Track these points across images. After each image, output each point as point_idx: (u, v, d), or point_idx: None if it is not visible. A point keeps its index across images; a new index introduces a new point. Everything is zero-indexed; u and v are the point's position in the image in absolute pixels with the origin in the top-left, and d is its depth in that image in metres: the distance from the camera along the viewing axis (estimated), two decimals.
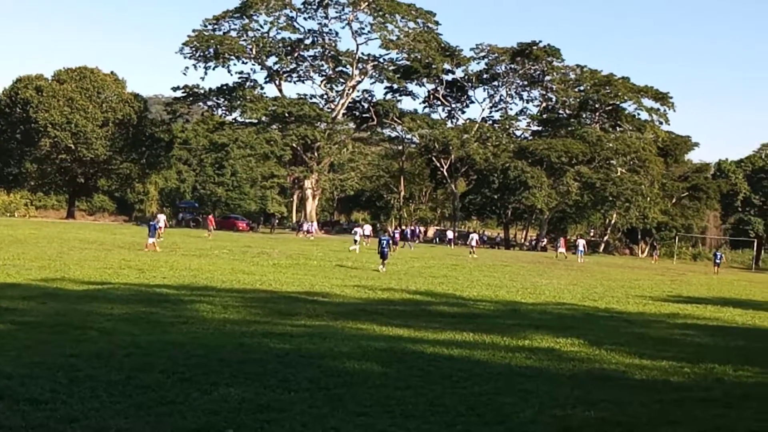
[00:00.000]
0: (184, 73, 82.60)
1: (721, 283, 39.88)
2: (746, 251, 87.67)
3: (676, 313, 20.83)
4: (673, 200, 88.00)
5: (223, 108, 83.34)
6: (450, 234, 73.87)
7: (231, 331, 12.42)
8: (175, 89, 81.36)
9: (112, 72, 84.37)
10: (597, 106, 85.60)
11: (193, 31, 78.52)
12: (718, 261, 57.33)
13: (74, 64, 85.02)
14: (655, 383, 10.14)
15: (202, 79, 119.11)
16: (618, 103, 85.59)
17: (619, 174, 79.43)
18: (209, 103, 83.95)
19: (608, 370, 10.94)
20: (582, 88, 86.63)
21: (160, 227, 49.59)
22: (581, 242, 60.79)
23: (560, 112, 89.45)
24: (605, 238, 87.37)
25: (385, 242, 32.00)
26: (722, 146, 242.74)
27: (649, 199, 79.27)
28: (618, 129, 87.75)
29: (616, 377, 10.39)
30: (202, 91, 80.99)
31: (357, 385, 8.73)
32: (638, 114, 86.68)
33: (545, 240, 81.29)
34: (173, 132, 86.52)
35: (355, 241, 46.43)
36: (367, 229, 60.06)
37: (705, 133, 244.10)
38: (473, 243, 52.68)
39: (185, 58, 78.45)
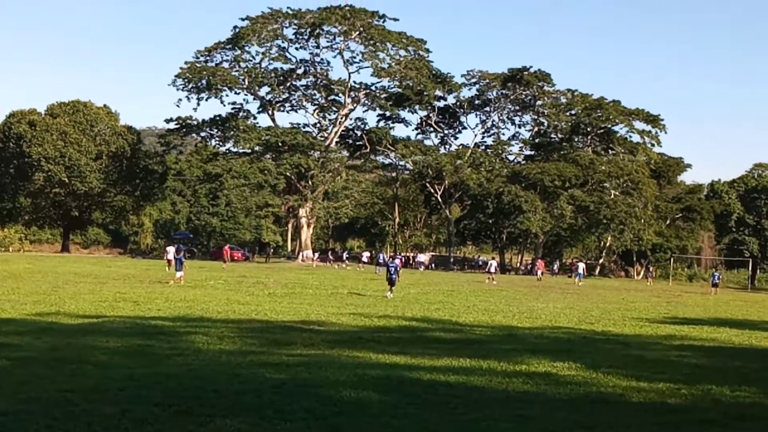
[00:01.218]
0: (177, 105, 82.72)
1: (717, 304, 39.86)
2: (741, 271, 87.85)
3: (672, 334, 20.79)
4: (667, 222, 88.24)
5: (217, 138, 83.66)
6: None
7: (226, 362, 12.36)
8: (168, 121, 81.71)
9: (105, 105, 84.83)
10: (589, 129, 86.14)
11: (186, 63, 79.06)
12: (716, 281, 57.26)
13: (67, 98, 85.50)
14: (653, 405, 10.11)
15: (195, 110, 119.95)
16: (609, 126, 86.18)
17: (612, 197, 79.75)
18: (202, 134, 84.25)
19: (606, 393, 10.90)
20: (573, 112, 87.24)
21: (169, 259, 49.81)
22: (581, 265, 61.19)
23: (552, 136, 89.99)
24: (600, 260, 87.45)
25: (393, 269, 32.13)
26: (715, 167, 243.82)
27: (643, 221, 79.55)
28: (610, 152, 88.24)
29: (613, 400, 10.36)
30: (195, 123, 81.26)
31: (354, 414, 8.69)
32: (630, 136, 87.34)
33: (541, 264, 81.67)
34: (167, 163, 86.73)
35: (379, 264, 47.15)
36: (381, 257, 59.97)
37: (697, 154, 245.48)
38: (492, 269, 53.05)
39: (178, 90, 78.94)
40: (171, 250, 51.77)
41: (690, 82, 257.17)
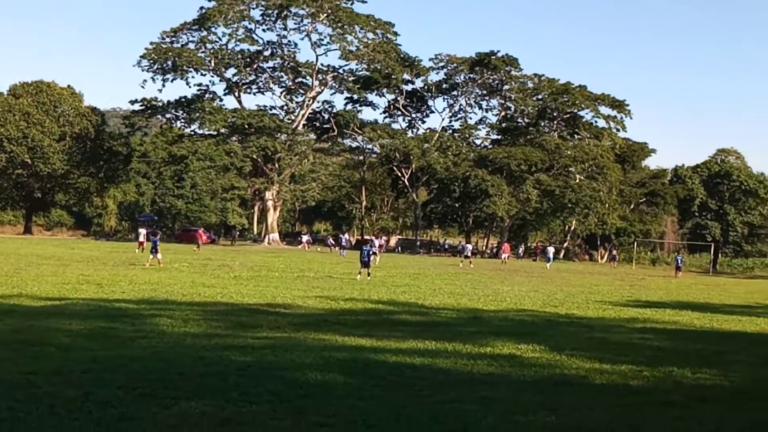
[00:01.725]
0: (142, 86, 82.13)
1: (680, 287, 40.41)
2: (704, 255, 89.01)
3: (635, 317, 21.05)
4: (631, 206, 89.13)
5: (182, 120, 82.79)
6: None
7: (191, 344, 12.30)
8: (133, 102, 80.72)
9: (68, 86, 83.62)
10: (555, 114, 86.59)
11: (151, 43, 78.00)
12: (679, 265, 58.77)
13: (30, 78, 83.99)
14: (616, 387, 10.23)
15: (160, 91, 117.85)
16: (575, 111, 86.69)
17: (577, 181, 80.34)
18: (168, 115, 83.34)
19: (569, 375, 11.01)
20: (540, 96, 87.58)
21: (140, 241, 49.68)
22: (551, 249, 62.57)
23: (519, 120, 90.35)
24: (565, 244, 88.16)
25: (366, 251, 32.64)
26: (678, 152, 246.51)
27: (607, 205, 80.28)
28: (576, 137, 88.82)
29: (576, 382, 10.47)
30: (160, 104, 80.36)
31: (319, 397, 8.70)
32: (596, 122, 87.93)
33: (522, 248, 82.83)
34: (131, 145, 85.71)
35: (374, 253, 47.22)
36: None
37: (661, 139, 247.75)
38: (468, 253, 54.96)
39: (143, 71, 77.94)
40: (143, 232, 51.89)
41: (655, 68, 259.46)
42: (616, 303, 26.01)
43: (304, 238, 78.90)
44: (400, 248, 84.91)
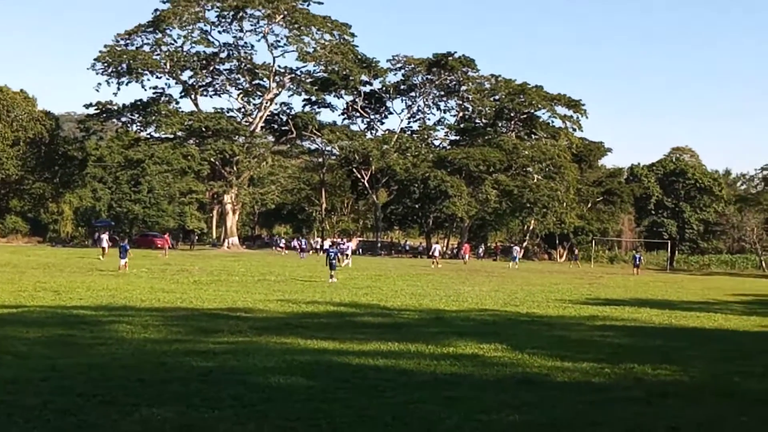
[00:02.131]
0: (97, 90, 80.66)
1: (638, 285, 40.91)
2: (660, 253, 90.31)
3: (595, 315, 21.27)
4: (589, 205, 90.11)
5: (138, 124, 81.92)
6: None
7: (151, 350, 12.16)
8: (87, 106, 79.67)
9: (21, 90, 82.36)
10: (512, 114, 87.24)
11: (105, 46, 77.06)
12: (637, 263, 60.07)
13: None
14: (577, 384, 10.32)
15: (115, 94, 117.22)
16: (532, 111, 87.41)
17: (535, 181, 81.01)
18: (123, 119, 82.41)
19: (531, 373, 11.08)
20: (497, 97, 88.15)
21: (103, 246, 49.25)
22: (516, 249, 63.70)
23: (477, 121, 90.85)
24: (524, 244, 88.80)
25: (332, 254, 33.44)
26: (634, 151, 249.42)
27: (565, 204, 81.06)
28: (533, 137, 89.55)
29: (539, 380, 10.53)
30: (115, 108, 79.41)
31: (282, 400, 8.64)
32: (552, 121, 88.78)
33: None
34: (87, 150, 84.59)
35: (347, 255, 48.57)
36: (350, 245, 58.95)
37: (617, 138, 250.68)
38: (436, 253, 55.94)
39: (97, 74, 76.99)
40: (105, 238, 51.50)
41: (610, 67, 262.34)
42: (576, 301, 26.25)
43: (233, 240, 79.00)
44: (360, 250, 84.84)
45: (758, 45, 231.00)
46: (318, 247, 78.34)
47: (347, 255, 49.06)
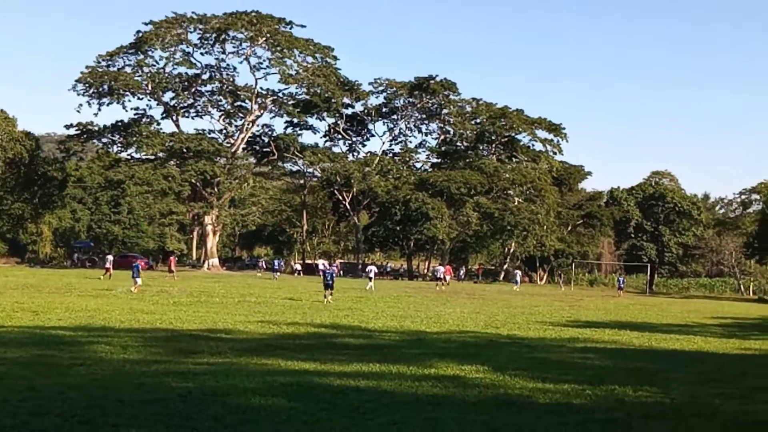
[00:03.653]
0: (78, 111, 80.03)
1: (618, 307, 41.08)
2: (640, 276, 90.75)
3: (575, 337, 21.31)
4: (569, 228, 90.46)
5: (119, 145, 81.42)
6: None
7: (131, 371, 12.05)
8: (68, 127, 79.14)
9: (1, 110, 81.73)
10: (493, 137, 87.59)
11: (87, 67, 76.79)
12: (621, 285, 61.65)
13: None
14: (559, 406, 10.32)
15: (96, 115, 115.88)
16: (513, 134, 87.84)
17: (516, 204, 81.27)
18: (104, 140, 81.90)
19: (512, 395, 11.07)
20: (478, 120, 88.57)
21: (107, 267, 49.14)
22: (518, 273, 65.00)
23: (458, 144, 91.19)
24: (505, 266, 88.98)
25: (329, 275, 33.78)
26: (614, 174, 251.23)
27: (545, 227, 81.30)
28: (514, 160, 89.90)
29: (520, 402, 10.52)
30: (96, 128, 78.95)
31: (263, 421, 8.58)
32: (533, 145, 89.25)
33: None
34: (67, 170, 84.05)
35: (370, 278, 48.87)
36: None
37: (597, 162, 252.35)
38: (439, 275, 56.55)
39: (78, 95, 76.53)
40: (110, 258, 51.72)
41: (590, 91, 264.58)
42: (557, 323, 26.31)
43: (213, 261, 79.15)
44: (342, 272, 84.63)
45: (738, 70, 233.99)
46: (298, 268, 78.45)
47: (371, 278, 48.90)
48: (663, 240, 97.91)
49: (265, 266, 75.35)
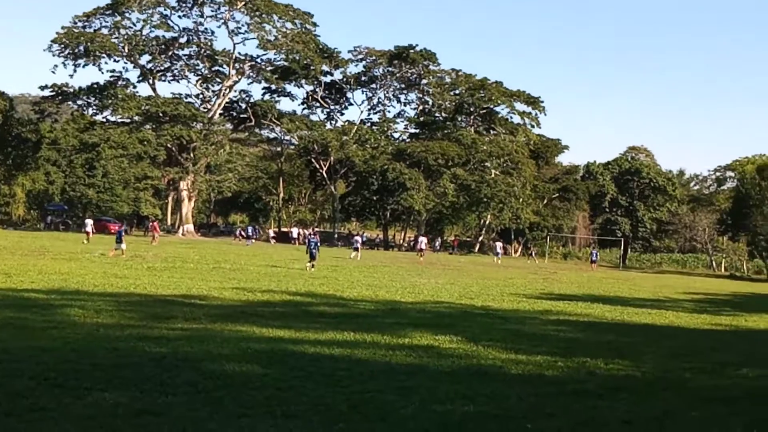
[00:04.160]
0: (53, 72, 79.53)
1: (591, 281, 41.41)
2: (614, 250, 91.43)
3: (549, 309, 21.47)
4: (545, 201, 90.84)
5: (94, 107, 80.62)
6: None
7: (104, 335, 11.99)
8: (42, 88, 78.37)
9: None
10: (472, 109, 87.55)
11: (62, 27, 75.79)
12: (594, 259, 62.33)
13: None
14: (531, 377, 10.42)
15: (71, 77, 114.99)
16: (492, 106, 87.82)
17: (493, 176, 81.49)
18: (79, 102, 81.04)
19: (485, 365, 11.16)
20: (457, 91, 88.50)
21: (87, 231, 48.84)
22: (499, 244, 65.11)
23: (437, 115, 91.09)
24: (480, 238, 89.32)
25: (313, 243, 34.58)
26: (591, 149, 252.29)
27: (521, 200, 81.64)
28: (492, 132, 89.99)
29: (493, 372, 10.61)
30: (71, 90, 78.09)
31: (237, 387, 8.59)
32: (511, 117, 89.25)
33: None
34: (41, 132, 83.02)
35: (356, 249, 49.61)
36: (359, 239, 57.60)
37: (574, 136, 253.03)
38: (422, 246, 56.58)
39: (54, 56, 75.73)
40: (89, 222, 51.47)
41: (570, 65, 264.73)
42: (530, 296, 26.49)
43: (188, 227, 79.12)
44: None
45: (714, 46, 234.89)
46: (272, 235, 78.54)
47: (356, 248, 49.46)
48: (637, 215, 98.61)
49: (243, 234, 75.06)
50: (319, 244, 37.10)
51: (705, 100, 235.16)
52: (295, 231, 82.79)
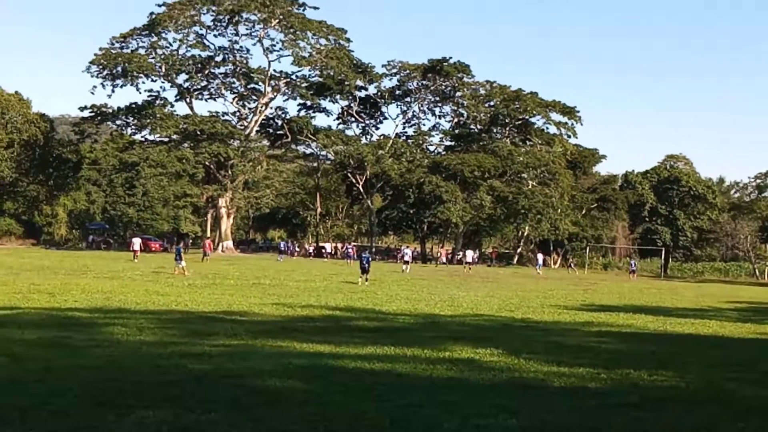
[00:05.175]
0: (92, 93, 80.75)
1: (632, 291, 40.95)
2: (654, 260, 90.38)
3: (590, 321, 21.25)
4: (583, 211, 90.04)
5: (133, 127, 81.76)
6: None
7: (147, 353, 12.10)
8: (82, 109, 79.63)
9: (16, 92, 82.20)
10: (507, 120, 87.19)
11: (101, 49, 76.99)
12: (633, 268, 61.53)
13: None
14: (574, 390, 10.29)
15: (110, 97, 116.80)
16: (527, 117, 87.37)
17: (530, 187, 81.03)
18: (118, 122, 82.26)
19: (527, 378, 11.06)
20: (492, 103, 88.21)
21: (135, 250, 49.54)
22: (540, 256, 64.96)
23: (472, 127, 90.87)
24: (519, 250, 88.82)
25: (365, 258, 35.83)
26: (629, 158, 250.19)
27: (559, 210, 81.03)
28: (528, 143, 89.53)
29: (535, 385, 10.51)
30: (110, 110, 79.30)
31: (279, 403, 8.60)
32: (547, 128, 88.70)
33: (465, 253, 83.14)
34: (81, 152, 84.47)
35: (406, 262, 51.47)
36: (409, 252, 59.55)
37: (612, 145, 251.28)
38: (469, 259, 60.06)
39: (92, 77, 76.96)
40: (137, 241, 52.21)
41: (606, 74, 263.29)
42: (571, 307, 26.25)
43: (227, 244, 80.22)
44: (355, 255, 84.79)
45: (754, 53, 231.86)
46: (312, 251, 79.10)
47: (406, 261, 50.47)
48: (678, 224, 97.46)
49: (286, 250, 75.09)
50: (370, 259, 38.31)
51: (743, 107, 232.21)
52: (328, 246, 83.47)
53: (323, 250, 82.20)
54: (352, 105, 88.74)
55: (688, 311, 27.48)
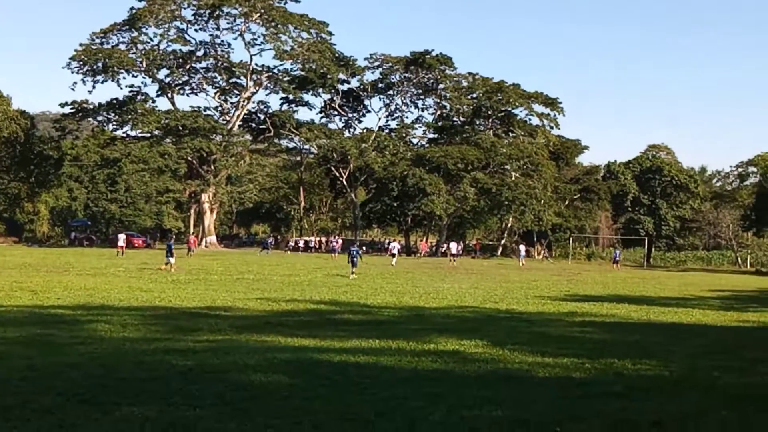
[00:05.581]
0: (72, 89, 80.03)
1: (615, 281, 41.17)
2: (637, 249, 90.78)
3: (574, 311, 21.35)
4: (566, 202, 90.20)
5: (114, 123, 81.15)
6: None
7: (130, 349, 12.06)
8: (63, 105, 79.01)
9: None
10: (490, 112, 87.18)
11: (81, 44, 76.45)
12: (617, 258, 61.88)
13: None
14: (558, 380, 10.34)
15: (90, 93, 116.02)
16: (510, 109, 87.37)
17: (513, 178, 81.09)
18: (99, 118, 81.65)
19: (512, 369, 11.10)
20: (475, 95, 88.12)
21: (120, 246, 49.38)
22: (522, 247, 65.08)
23: (455, 119, 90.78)
24: (502, 241, 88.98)
25: (354, 252, 36.36)
26: (611, 148, 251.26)
27: (542, 202, 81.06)
28: (511, 134, 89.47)
29: (520, 376, 10.55)
30: (91, 106, 78.71)
31: (264, 398, 8.59)
32: (530, 119, 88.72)
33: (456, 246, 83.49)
34: (62, 149, 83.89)
35: (393, 255, 52.09)
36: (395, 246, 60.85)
37: (594, 136, 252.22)
38: (454, 251, 60.00)
39: (73, 72, 76.35)
40: (122, 237, 52.02)
41: (587, 65, 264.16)
42: (555, 298, 26.39)
43: (211, 239, 79.59)
44: (340, 249, 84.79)
45: (735, 43, 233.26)
46: (300, 245, 79.16)
47: (393, 254, 50.69)
48: (660, 213, 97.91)
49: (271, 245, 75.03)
50: (360, 253, 38.98)
51: (724, 96, 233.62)
52: (312, 239, 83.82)
53: (309, 244, 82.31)
54: (334, 98, 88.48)
55: (671, 300, 27.68)
